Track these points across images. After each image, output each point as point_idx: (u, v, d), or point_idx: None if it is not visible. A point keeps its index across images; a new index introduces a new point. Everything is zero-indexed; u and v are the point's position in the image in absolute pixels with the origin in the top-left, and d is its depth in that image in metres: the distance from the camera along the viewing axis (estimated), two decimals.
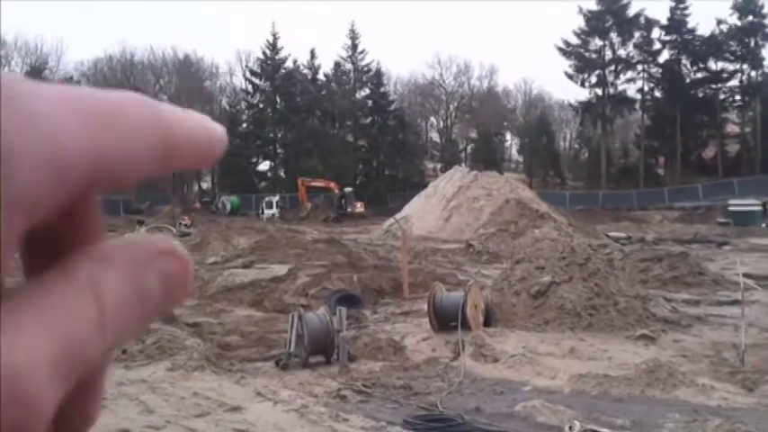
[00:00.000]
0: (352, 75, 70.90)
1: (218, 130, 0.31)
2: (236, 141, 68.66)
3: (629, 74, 67.09)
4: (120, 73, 75.26)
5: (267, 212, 50.50)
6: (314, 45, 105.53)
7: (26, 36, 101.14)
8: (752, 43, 62.45)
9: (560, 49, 67.03)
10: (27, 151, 0.23)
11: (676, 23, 64.34)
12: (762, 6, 61.08)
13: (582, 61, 66.81)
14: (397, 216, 30.95)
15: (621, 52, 66.36)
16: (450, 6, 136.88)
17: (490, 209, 30.74)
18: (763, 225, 36.79)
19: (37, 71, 66.74)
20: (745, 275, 10.67)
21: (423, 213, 33.82)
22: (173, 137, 0.28)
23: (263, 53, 69.21)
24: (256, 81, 69.97)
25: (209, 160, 0.31)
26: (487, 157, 68.08)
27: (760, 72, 63.41)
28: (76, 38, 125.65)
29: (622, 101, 67.14)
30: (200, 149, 0.30)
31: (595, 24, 65.29)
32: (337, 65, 71.50)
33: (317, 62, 72.48)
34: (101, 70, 76.46)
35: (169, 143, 0.28)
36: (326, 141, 65.26)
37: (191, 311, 13.04)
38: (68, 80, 68.98)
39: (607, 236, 27.47)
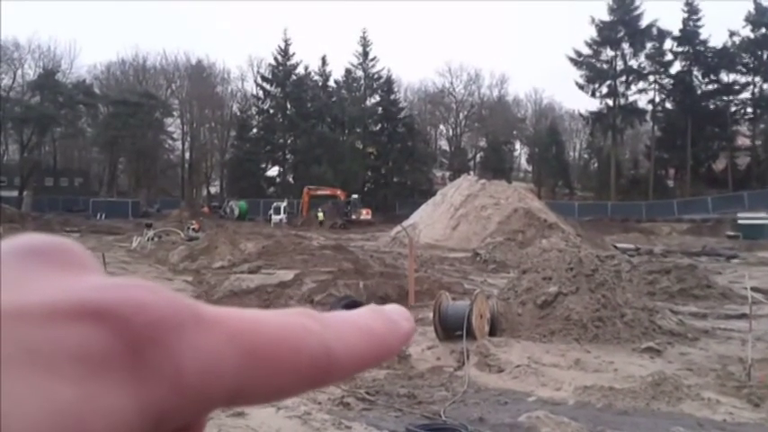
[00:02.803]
0: (362, 82, 71.05)
1: (388, 333, 0.33)
2: (245, 146, 68.99)
3: (641, 85, 67.05)
4: (133, 77, 75.72)
5: (275, 218, 50.60)
6: (325, 52, 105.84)
7: (40, 39, 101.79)
8: (764, 56, 62.24)
9: (571, 59, 67.02)
10: (184, 381, 0.27)
11: (689, 35, 64.18)
12: None
13: (593, 71, 66.71)
14: (405, 224, 30.98)
15: (633, 63, 66.32)
16: (462, 15, 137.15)
17: (498, 218, 30.72)
18: None
19: (50, 74, 67.19)
20: (754, 289, 10.62)
21: (430, 221, 33.79)
22: (326, 364, 0.30)
23: (275, 59, 69.59)
24: (267, 87, 70.28)
25: (378, 363, 0.33)
26: (496, 166, 68.05)
27: None
28: (90, 41, 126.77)
29: (633, 112, 66.97)
30: (364, 363, 0.32)
31: (607, 35, 65.22)
32: (348, 72, 71.73)
33: (327, 69, 72.81)
34: (113, 74, 77.02)
35: (320, 370, 0.30)
36: (336, 148, 65.39)
37: None
38: (81, 83, 69.43)
39: (615, 247, 27.39)
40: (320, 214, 49.80)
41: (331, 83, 72.89)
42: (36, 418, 0.23)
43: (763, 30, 61.35)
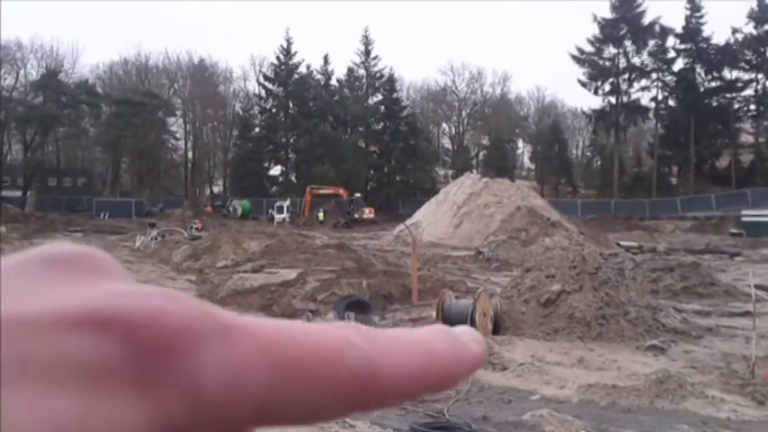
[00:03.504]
0: (364, 80, 70.99)
1: (452, 354, 0.30)
2: (248, 146, 69.05)
3: (643, 82, 66.85)
4: (136, 76, 75.78)
5: (278, 217, 50.63)
6: (327, 51, 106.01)
7: (42, 39, 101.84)
8: (767, 53, 62.05)
9: (574, 57, 66.89)
10: (203, 394, 0.25)
11: (691, 32, 64.02)
12: None
13: (595, 69, 66.57)
14: (408, 222, 30.97)
15: (636, 60, 66.14)
16: (464, 13, 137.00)
17: (501, 216, 30.69)
18: None
19: (53, 74, 67.25)
20: (757, 287, 10.61)
21: (433, 220, 33.79)
22: (369, 382, 0.28)
23: (277, 58, 69.55)
24: (270, 86, 70.27)
25: (439, 389, 0.30)
26: (499, 165, 67.94)
27: None
28: (92, 41, 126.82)
29: (636, 109, 66.83)
30: (420, 386, 0.29)
31: (610, 32, 65.10)
32: (350, 70, 71.68)
33: (330, 68, 72.73)
34: (116, 73, 77.08)
35: (361, 388, 0.28)
36: (338, 147, 65.38)
37: None
38: (84, 83, 69.50)
39: (618, 245, 27.36)
40: (320, 214, 49.77)
41: (333, 82, 72.89)
42: (34, 430, 0.22)
43: (766, 27, 61.17)
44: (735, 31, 63.10)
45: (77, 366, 0.23)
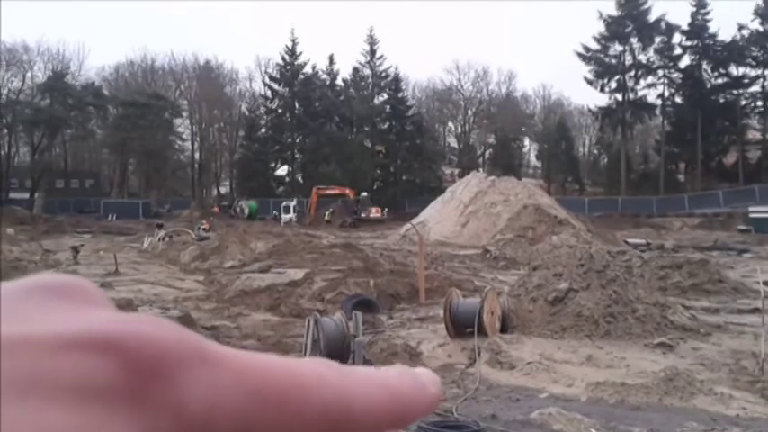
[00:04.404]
0: (370, 80, 70.97)
1: (414, 395, 0.33)
2: (254, 146, 69.14)
3: (650, 79, 66.53)
4: (142, 78, 75.98)
5: (284, 217, 50.67)
6: (332, 51, 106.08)
7: (48, 41, 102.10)
8: None
9: (580, 55, 66.69)
10: (187, 416, 0.27)
11: (697, 28, 63.76)
12: None
13: (602, 66, 66.36)
14: (414, 221, 30.96)
15: (642, 57, 65.87)
16: (469, 12, 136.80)
17: (508, 215, 30.65)
18: None
19: (59, 76, 67.50)
20: (766, 283, 10.55)
21: (440, 219, 33.77)
22: (340, 418, 0.30)
23: (283, 59, 69.60)
24: (275, 86, 70.33)
25: (398, 427, 0.32)
26: (505, 163, 67.86)
27: None
28: (98, 43, 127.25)
29: (642, 106, 66.60)
30: (383, 423, 0.31)
31: (615, 29, 64.88)
32: (356, 70, 71.67)
33: (335, 68, 72.78)
34: (122, 75, 77.31)
35: (332, 422, 0.30)
36: (344, 147, 65.41)
37: (208, 315, 13.12)
38: (90, 85, 69.73)
39: (626, 242, 27.30)
40: (326, 214, 49.79)
41: (339, 82, 72.92)
42: None
43: None
44: (741, 27, 62.81)
45: (76, 385, 0.25)
